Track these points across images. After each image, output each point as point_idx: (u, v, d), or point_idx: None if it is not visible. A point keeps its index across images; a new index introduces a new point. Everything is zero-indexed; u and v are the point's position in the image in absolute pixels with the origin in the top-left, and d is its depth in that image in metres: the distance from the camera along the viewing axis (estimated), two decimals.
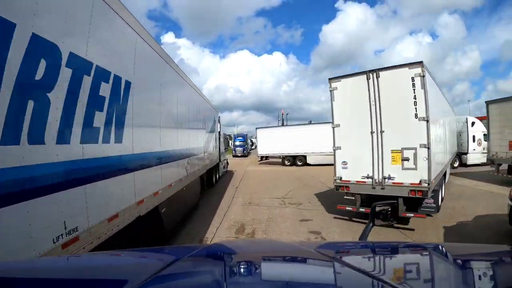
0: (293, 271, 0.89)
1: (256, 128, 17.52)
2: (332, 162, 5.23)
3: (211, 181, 8.79)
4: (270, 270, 0.91)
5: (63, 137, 1.60)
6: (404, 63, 4.18)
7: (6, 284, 0.74)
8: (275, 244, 1.39)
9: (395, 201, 1.44)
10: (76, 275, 0.88)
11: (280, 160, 16.55)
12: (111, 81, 2.11)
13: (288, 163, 16.19)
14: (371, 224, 1.33)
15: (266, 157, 17.55)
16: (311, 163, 15.32)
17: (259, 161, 18.29)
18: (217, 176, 9.93)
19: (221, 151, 10.81)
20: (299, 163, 16.03)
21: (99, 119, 1.95)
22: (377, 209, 1.37)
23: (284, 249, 1.15)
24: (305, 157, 15.56)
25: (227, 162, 14.20)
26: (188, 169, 4.94)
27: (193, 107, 5.63)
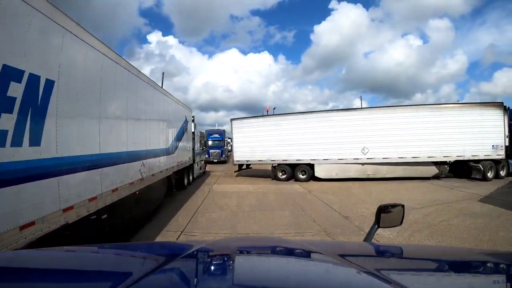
0: (294, 269, 0.98)
1: (232, 120, 13.29)
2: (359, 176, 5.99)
3: (182, 183, 9.66)
4: (271, 267, 1.00)
5: None
6: None
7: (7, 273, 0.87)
8: (277, 242, 1.57)
9: (402, 204, 1.53)
10: (70, 267, 0.98)
11: (268, 168, 13.01)
12: (24, 80, 2.30)
13: (283, 176, 12.29)
14: (376, 226, 1.46)
15: (247, 165, 13.77)
16: (322, 177, 11.70)
17: (236, 171, 14.35)
18: (191, 177, 11.06)
19: (196, 151, 11.92)
20: (301, 176, 12.05)
21: (7, 121, 2.13)
22: (384, 211, 1.47)
23: (286, 247, 1.26)
24: (311, 166, 11.84)
25: (205, 163, 15.40)
26: (144, 172, 5.26)
27: (150, 105, 6.07)
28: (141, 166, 5.17)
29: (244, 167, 13.79)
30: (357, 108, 11.81)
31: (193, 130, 11.60)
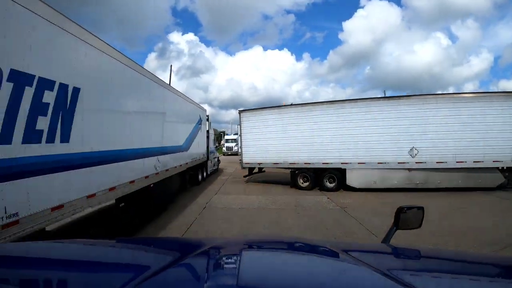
0: (308, 269, 1.06)
1: (240, 111, 11.96)
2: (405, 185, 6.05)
3: (196, 179, 11.48)
4: (285, 266, 1.09)
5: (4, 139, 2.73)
6: None
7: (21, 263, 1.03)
8: (295, 241, 1.69)
9: (422, 206, 1.69)
10: (89, 259, 1.15)
11: (281, 173, 12.11)
12: (56, 88, 3.25)
13: (305, 184, 10.66)
14: (394, 228, 1.61)
15: (260, 169, 12.47)
16: (355, 186, 10.00)
17: (245, 176, 12.91)
18: (204, 174, 13.03)
19: (210, 149, 13.71)
20: (328, 185, 10.40)
21: (43, 123, 3.10)
22: (403, 213, 1.64)
23: (302, 246, 1.40)
24: (342, 172, 10.22)
25: (218, 160, 17.89)
26: (158, 167, 6.54)
27: (165, 107, 7.51)
28: (156, 161, 6.36)
29: (256, 170, 12.80)
30: (404, 96, 9.95)
31: (207, 129, 13.39)
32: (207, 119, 13.31)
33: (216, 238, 1.68)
